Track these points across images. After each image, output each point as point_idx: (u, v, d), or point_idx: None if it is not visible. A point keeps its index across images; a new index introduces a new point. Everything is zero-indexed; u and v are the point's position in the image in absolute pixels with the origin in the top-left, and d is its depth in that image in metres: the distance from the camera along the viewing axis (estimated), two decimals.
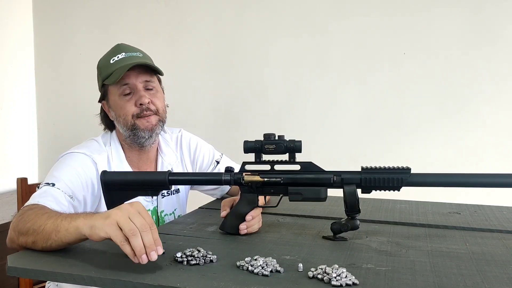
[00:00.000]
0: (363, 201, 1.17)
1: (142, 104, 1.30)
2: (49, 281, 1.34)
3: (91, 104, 1.43)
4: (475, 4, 1.97)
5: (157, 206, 1.39)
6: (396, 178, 0.99)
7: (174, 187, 1.42)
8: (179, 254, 0.87)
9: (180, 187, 1.46)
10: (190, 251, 0.88)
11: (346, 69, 2.16)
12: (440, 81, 2.04)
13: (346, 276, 0.77)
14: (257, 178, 1.05)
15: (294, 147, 1.02)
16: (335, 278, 0.76)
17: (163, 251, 0.84)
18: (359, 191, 1.02)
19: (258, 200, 1.08)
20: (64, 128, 2.72)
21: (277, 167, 1.05)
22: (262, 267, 0.81)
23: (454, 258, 0.90)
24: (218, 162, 1.50)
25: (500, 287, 0.76)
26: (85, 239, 0.91)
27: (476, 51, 1.98)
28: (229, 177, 1.06)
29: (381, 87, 2.11)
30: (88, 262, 0.86)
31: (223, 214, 1.11)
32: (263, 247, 0.98)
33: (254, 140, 1.03)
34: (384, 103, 2.11)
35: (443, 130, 2.04)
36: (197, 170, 1.48)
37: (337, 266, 0.79)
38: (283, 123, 2.26)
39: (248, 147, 1.03)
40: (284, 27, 2.25)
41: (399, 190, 1.01)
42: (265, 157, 1.06)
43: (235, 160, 1.49)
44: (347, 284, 0.75)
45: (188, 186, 1.50)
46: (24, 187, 1.56)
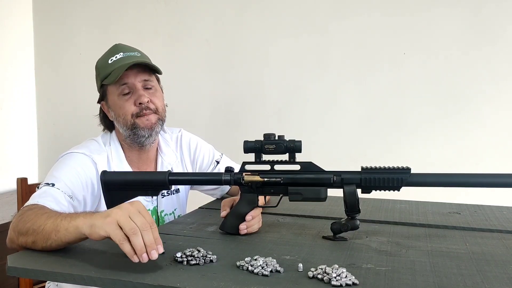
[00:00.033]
0: (363, 201, 1.17)
1: (142, 103, 1.30)
2: (49, 281, 1.34)
3: (91, 104, 1.43)
4: (475, 4, 1.97)
5: (157, 206, 1.39)
6: (396, 178, 0.99)
7: (174, 187, 1.42)
8: (179, 254, 0.87)
9: (180, 187, 1.46)
10: (190, 251, 0.88)
11: (346, 69, 2.16)
12: (440, 81, 2.04)
13: (346, 276, 0.77)
14: (257, 178, 1.05)
15: (294, 147, 1.02)
16: (335, 278, 0.76)
17: (163, 250, 0.84)
18: (359, 191, 1.02)
19: (258, 200, 1.08)
20: (64, 128, 2.72)
21: (277, 167, 1.05)
22: (262, 267, 0.81)
23: (454, 258, 0.90)
24: (218, 162, 1.50)
25: (500, 287, 0.76)
26: (85, 239, 0.91)
27: (476, 51, 1.98)
28: (229, 177, 1.06)
29: (381, 87, 2.11)
30: (88, 262, 0.86)
31: (223, 214, 1.11)
32: (263, 247, 0.98)
33: (254, 140, 1.03)
34: (384, 103, 2.11)
35: (443, 130, 2.04)
36: (197, 170, 1.48)
37: (337, 266, 0.79)
38: (283, 123, 2.26)
39: (248, 147, 1.03)
40: (284, 27, 2.25)
41: (399, 190, 1.01)
42: (265, 157, 1.06)
43: (235, 160, 1.49)
44: (347, 284, 0.75)
45: (188, 186, 1.50)
46: (24, 187, 1.56)
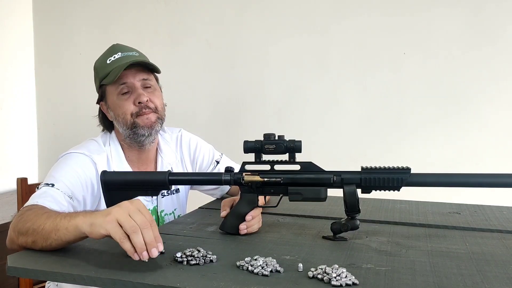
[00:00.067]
0: (363, 201, 1.17)
1: (141, 103, 1.30)
2: (49, 281, 1.34)
3: (91, 104, 1.43)
4: (475, 4, 1.97)
5: (157, 206, 1.39)
6: (396, 178, 0.99)
7: (174, 187, 1.42)
8: (179, 254, 0.87)
9: (180, 186, 1.46)
10: (190, 251, 0.88)
11: (346, 69, 2.16)
12: (440, 81, 2.03)
13: (346, 276, 0.77)
14: (257, 178, 1.05)
15: (294, 147, 1.02)
16: (335, 278, 0.76)
17: (163, 248, 0.84)
18: (359, 191, 1.02)
19: (258, 200, 1.08)
20: (64, 128, 2.72)
21: (277, 167, 1.05)
22: (262, 267, 0.81)
23: (454, 258, 0.90)
24: (218, 162, 1.50)
25: (500, 287, 0.76)
26: (85, 237, 0.91)
27: (476, 51, 1.98)
28: (229, 177, 1.06)
29: (381, 87, 2.11)
30: (88, 262, 0.86)
31: (223, 214, 1.11)
32: (263, 247, 0.98)
33: (254, 140, 1.03)
34: (384, 103, 2.11)
35: (443, 130, 2.04)
36: (197, 170, 1.48)
37: (337, 266, 0.79)
38: (283, 123, 2.26)
39: (248, 147, 1.03)
40: (284, 27, 2.25)
41: (399, 190, 1.01)
42: (265, 157, 1.06)
43: (235, 160, 1.49)
44: (347, 284, 0.75)
45: (188, 186, 1.50)
46: (24, 187, 1.56)
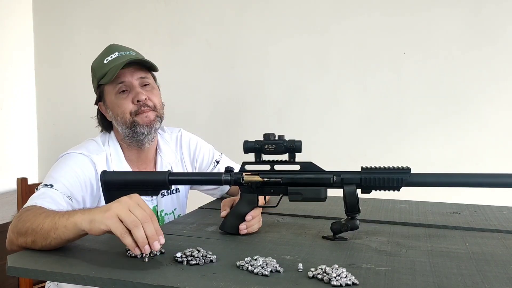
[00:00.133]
0: (363, 201, 1.17)
1: (139, 101, 1.30)
2: (49, 281, 1.34)
3: (91, 104, 1.43)
4: (475, 4, 1.97)
5: (156, 206, 1.39)
6: (396, 178, 0.99)
7: (173, 187, 1.42)
8: (179, 254, 0.87)
9: (180, 186, 1.46)
10: (190, 251, 0.88)
11: (346, 69, 2.16)
12: (440, 81, 2.03)
13: (346, 276, 0.77)
14: (257, 178, 1.05)
15: (294, 147, 1.02)
16: (335, 278, 0.76)
17: (164, 240, 0.85)
18: (359, 191, 1.02)
19: (258, 200, 1.08)
20: (64, 128, 2.72)
21: (277, 167, 1.05)
22: (262, 267, 0.81)
23: (454, 258, 0.90)
24: (218, 162, 1.50)
25: (500, 287, 0.76)
26: (84, 235, 0.92)
27: (476, 51, 1.98)
28: (229, 177, 1.06)
29: (381, 87, 2.11)
30: (88, 262, 0.86)
31: (223, 214, 1.11)
32: (263, 247, 0.98)
33: (254, 140, 1.03)
34: (384, 103, 2.11)
35: (443, 130, 2.04)
36: (196, 170, 1.48)
37: (337, 266, 0.79)
38: (283, 123, 2.26)
39: (248, 147, 1.03)
40: (284, 27, 2.25)
41: (399, 190, 1.01)
42: (265, 157, 1.06)
43: (235, 160, 1.49)
44: (347, 284, 0.75)
45: (188, 185, 1.50)
46: (24, 187, 1.57)
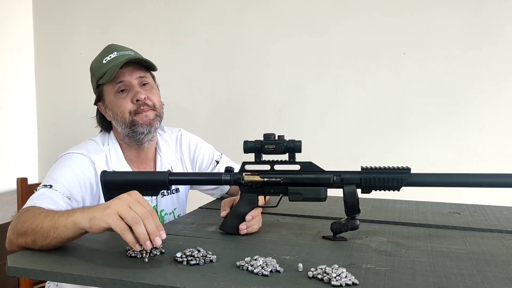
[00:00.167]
0: (363, 201, 1.17)
1: (139, 100, 1.29)
2: (49, 281, 1.34)
3: (91, 104, 1.42)
4: (475, 4, 1.97)
5: (156, 205, 1.38)
6: (396, 178, 0.99)
7: (173, 186, 1.42)
8: (179, 254, 0.87)
9: (179, 186, 1.46)
10: (190, 251, 0.88)
11: (346, 69, 2.16)
12: (440, 81, 2.03)
13: (346, 276, 0.77)
14: (257, 178, 1.05)
15: (294, 147, 1.02)
16: (335, 278, 0.76)
17: (165, 235, 0.86)
18: (359, 191, 1.02)
19: (258, 200, 1.08)
20: (64, 128, 2.72)
21: (277, 167, 1.05)
22: (262, 267, 0.81)
23: (454, 258, 0.90)
24: (217, 162, 1.50)
25: (500, 287, 0.76)
26: (84, 233, 0.92)
27: (476, 51, 1.98)
28: (229, 177, 1.06)
29: (381, 87, 2.11)
30: (88, 262, 0.86)
31: (223, 214, 1.11)
32: (263, 247, 0.98)
33: (254, 140, 1.03)
34: (384, 103, 2.11)
35: (443, 130, 2.04)
36: (196, 169, 1.48)
37: (337, 266, 0.79)
38: (283, 123, 2.26)
39: (248, 147, 1.03)
40: (284, 27, 2.25)
41: (399, 190, 1.01)
42: (265, 157, 1.06)
43: (235, 160, 1.49)
44: (347, 284, 0.75)
45: (188, 185, 1.50)
46: (24, 187, 1.56)
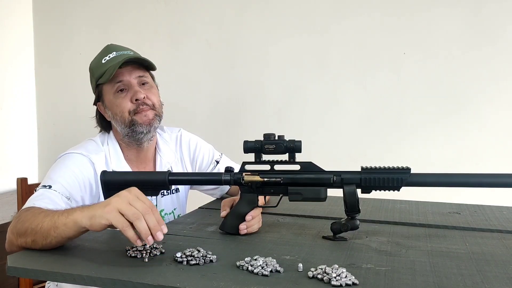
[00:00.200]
0: (363, 201, 1.17)
1: (138, 100, 1.29)
2: (49, 281, 1.34)
3: (91, 104, 1.42)
4: (475, 4, 1.97)
5: (156, 205, 1.38)
6: (396, 178, 0.99)
7: (173, 187, 1.42)
8: (179, 254, 0.87)
9: (179, 186, 1.46)
10: (190, 251, 0.88)
11: (346, 69, 2.16)
12: (440, 81, 2.03)
13: (346, 276, 0.77)
14: (257, 178, 1.05)
15: (294, 147, 1.02)
16: (335, 278, 0.76)
17: (167, 229, 0.87)
18: (359, 191, 1.02)
19: (258, 200, 1.08)
20: (64, 128, 2.72)
21: (277, 167, 1.05)
22: (262, 267, 0.81)
23: (454, 258, 0.90)
24: (217, 162, 1.50)
25: (500, 287, 0.76)
26: (85, 231, 0.92)
27: (476, 51, 1.98)
28: (229, 177, 1.06)
29: (381, 87, 2.11)
30: (88, 262, 0.86)
31: (223, 214, 1.11)
32: (263, 247, 0.98)
33: (254, 140, 1.03)
34: (384, 103, 2.11)
35: (443, 130, 2.04)
36: (196, 169, 1.48)
37: (337, 266, 0.79)
38: (283, 123, 2.26)
39: (248, 147, 1.03)
40: (284, 27, 2.25)
41: (399, 190, 1.01)
42: (265, 157, 1.06)
43: (235, 160, 1.49)
44: (347, 284, 0.75)
45: (188, 185, 1.50)
46: (24, 187, 1.56)
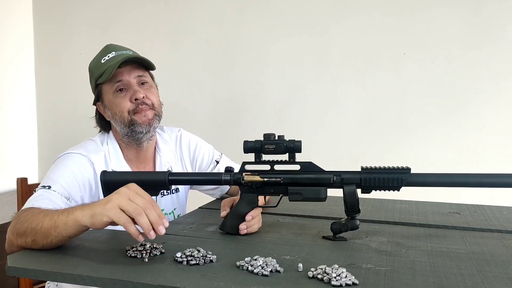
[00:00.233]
0: (363, 201, 1.17)
1: (137, 99, 1.29)
2: (49, 281, 1.34)
3: (91, 104, 1.42)
4: (475, 4, 1.97)
5: None
6: (396, 178, 0.99)
7: (173, 186, 1.42)
8: (179, 254, 0.87)
9: (179, 186, 1.46)
10: (190, 251, 0.88)
11: (346, 69, 2.16)
12: (440, 81, 2.04)
13: (346, 276, 0.77)
14: (257, 178, 1.05)
15: (294, 147, 1.02)
16: (335, 278, 0.76)
17: (168, 224, 0.88)
18: (359, 191, 1.02)
19: (258, 200, 1.08)
20: (64, 128, 2.72)
21: (277, 167, 1.05)
22: (262, 267, 0.81)
23: (454, 258, 0.90)
24: (217, 162, 1.50)
25: (500, 287, 0.76)
26: (85, 230, 0.92)
27: (476, 51, 1.98)
28: (229, 177, 1.06)
29: (381, 87, 2.11)
30: (88, 262, 0.86)
31: (223, 214, 1.11)
32: (263, 247, 0.98)
33: (254, 140, 1.03)
34: (384, 103, 2.11)
35: (443, 130, 2.04)
36: (196, 169, 1.48)
37: (337, 266, 0.79)
38: (283, 123, 2.26)
39: (248, 147, 1.03)
40: (284, 27, 2.25)
41: (399, 190, 1.01)
42: (265, 157, 1.06)
43: (235, 160, 1.49)
44: (347, 284, 0.75)
45: (188, 185, 1.50)
46: (24, 187, 1.56)
